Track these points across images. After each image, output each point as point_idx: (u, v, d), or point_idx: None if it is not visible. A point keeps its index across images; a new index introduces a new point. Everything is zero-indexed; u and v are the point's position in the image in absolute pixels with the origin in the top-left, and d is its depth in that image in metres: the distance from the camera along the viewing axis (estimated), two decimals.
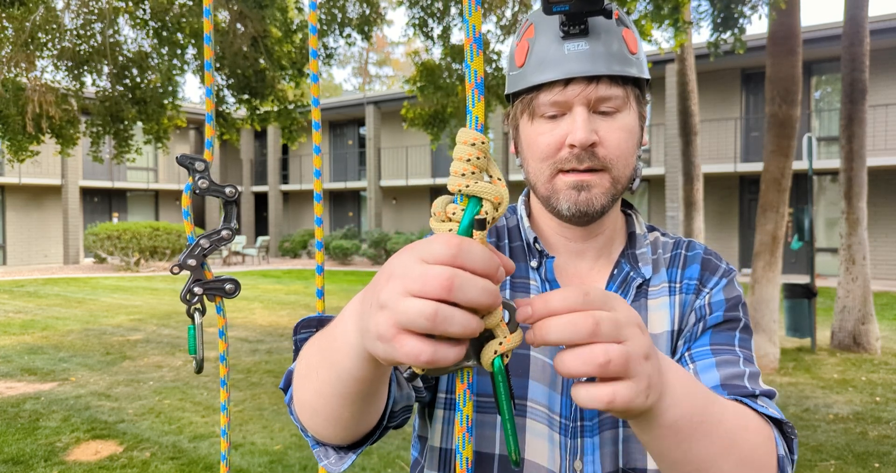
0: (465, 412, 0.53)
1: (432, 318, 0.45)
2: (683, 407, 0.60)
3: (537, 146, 0.87)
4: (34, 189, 21.09)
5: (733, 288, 0.92)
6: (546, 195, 0.89)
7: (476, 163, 0.50)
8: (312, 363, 0.67)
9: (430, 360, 0.46)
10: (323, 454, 0.76)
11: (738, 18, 6.19)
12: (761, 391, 0.81)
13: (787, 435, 0.77)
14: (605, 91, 0.83)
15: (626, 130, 0.86)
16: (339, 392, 0.64)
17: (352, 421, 0.69)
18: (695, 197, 8.66)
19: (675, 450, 0.62)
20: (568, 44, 0.84)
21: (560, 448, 0.85)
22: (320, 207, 1.09)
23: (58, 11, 7.76)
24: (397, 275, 0.48)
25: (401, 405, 0.80)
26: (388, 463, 4.20)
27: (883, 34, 13.54)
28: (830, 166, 14.48)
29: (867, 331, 7.38)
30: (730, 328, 0.88)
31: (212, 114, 0.73)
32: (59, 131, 8.30)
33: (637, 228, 0.98)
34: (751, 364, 0.85)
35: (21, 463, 4.14)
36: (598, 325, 0.50)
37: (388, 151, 22.90)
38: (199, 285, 0.71)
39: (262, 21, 8.04)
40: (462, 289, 0.45)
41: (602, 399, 0.52)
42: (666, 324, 0.90)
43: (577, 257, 0.95)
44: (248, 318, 10.22)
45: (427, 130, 9.48)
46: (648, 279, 0.93)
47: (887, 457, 4.29)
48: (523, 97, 0.89)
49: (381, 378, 0.63)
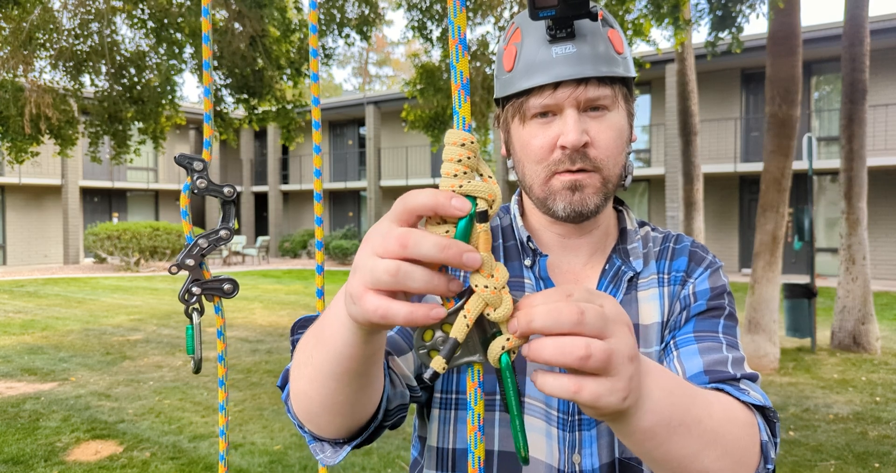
0: (477, 411, 0.53)
1: (394, 274, 0.48)
2: (662, 413, 0.59)
3: (531, 149, 0.89)
4: (34, 189, 21.09)
5: (718, 278, 0.94)
6: (542, 197, 0.90)
7: (467, 163, 0.50)
8: (307, 349, 0.68)
9: (384, 314, 0.49)
10: (319, 449, 0.77)
11: (735, 17, 6.20)
12: (743, 375, 0.82)
13: (770, 419, 0.77)
14: (593, 92, 0.85)
15: (616, 129, 0.88)
16: (332, 372, 0.64)
17: (346, 407, 0.69)
18: (695, 197, 8.67)
19: (653, 451, 0.62)
20: (555, 47, 0.86)
21: (558, 442, 0.86)
22: (320, 207, 1.09)
23: (55, 11, 7.75)
24: (369, 240, 0.52)
25: (395, 403, 0.80)
26: (387, 463, 4.20)
27: (883, 34, 13.53)
28: (830, 166, 14.47)
29: (867, 331, 7.38)
30: (714, 315, 0.90)
31: (210, 114, 0.73)
32: (58, 132, 8.29)
33: (628, 223, 1.00)
34: (734, 350, 0.86)
35: (21, 463, 4.14)
36: (582, 314, 0.49)
37: (388, 151, 22.90)
38: (197, 285, 0.70)
39: (260, 20, 8.03)
40: (417, 244, 0.48)
41: (567, 388, 0.51)
42: (656, 315, 0.92)
43: (571, 253, 0.97)
44: (248, 318, 10.22)
45: (428, 133, 9.47)
46: (639, 273, 0.95)
47: (887, 457, 4.29)
48: (513, 101, 0.91)
49: (371, 357, 0.63)
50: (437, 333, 0.51)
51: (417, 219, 0.50)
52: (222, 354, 0.73)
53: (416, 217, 0.50)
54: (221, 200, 0.75)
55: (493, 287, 0.50)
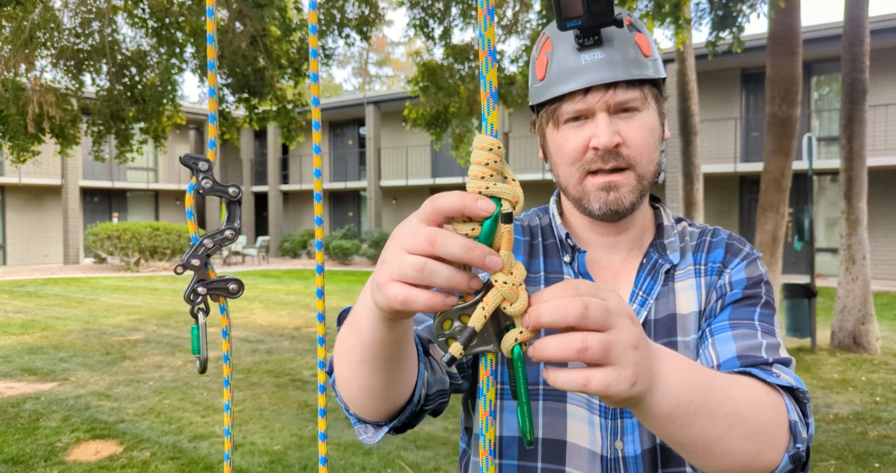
0: (489, 397, 0.56)
1: (420, 270, 0.51)
2: (680, 397, 0.62)
3: (565, 151, 0.93)
4: (34, 189, 21.09)
5: (756, 268, 0.96)
6: (577, 197, 0.95)
7: (493, 166, 0.53)
8: (344, 336, 0.73)
9: (404, 300, 0.52)
10: (362, 430, 0.82)
11: (736, 17, 6.20)
12: (775, 360, 0.83)
13: (800, 400, 0.78)
14: (622, 95, 0.89)
15: (647, 128, 0.91)
16: (363, 357, 0.69)
17: (380, 391, 0.74)
18: (695, 197, 8.67)
19: (676, 435, 0.65)
20: (584, 55, 0.90)
21: (601, 429, 0.90)
22: (320, 207, 1.09)
23: (56, 10, 7.76)
24: (398, 237, 0.55)
25: (435, 388, 0.84)
26: (388, 463, 4.20)
27: (883, 34, 13.54)
28: (830, 166, 14.48)
29: (867, 331, 7.38)
30: (750, 303, 0.92)
31: (215, 113, 0.73)
32: (59, 131, 8.30)
33: (665, 219, 1.03)
34: (770, 336, 0.87)
35: (21, 463, 4.14)
36: (587, 308, 0.52)
37: (388, 151, 22.89)
38: (202, 285, 0.71)
39: (260, 20, 8.03)
40: (444, 244, 0.51)
41: (577, 381, 0.54)
42: (693, 305, 0.95)
43: (609, 250, 1.00)
44: (248, 318, 10.22)
45: (429, 131, 9.48)
46: (676, 265, 0.98)
47: (887, 457, 4.30)
48: (547, 107, 0.95)
49: (398, 343, 0.67)
50: (455, 323, 0.55)
51: (444, 219, 0.53)
52: (227, 354, 0.73)
53: (444, 218, 0.53)
54: (226, 200, 0.75)
55: (511, 283, 0.53)
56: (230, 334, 0.68)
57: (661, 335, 0.93)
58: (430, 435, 4.72)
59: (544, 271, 0.99)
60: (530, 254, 1.00)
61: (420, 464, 4.19)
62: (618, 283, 0.98)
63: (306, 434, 4.77)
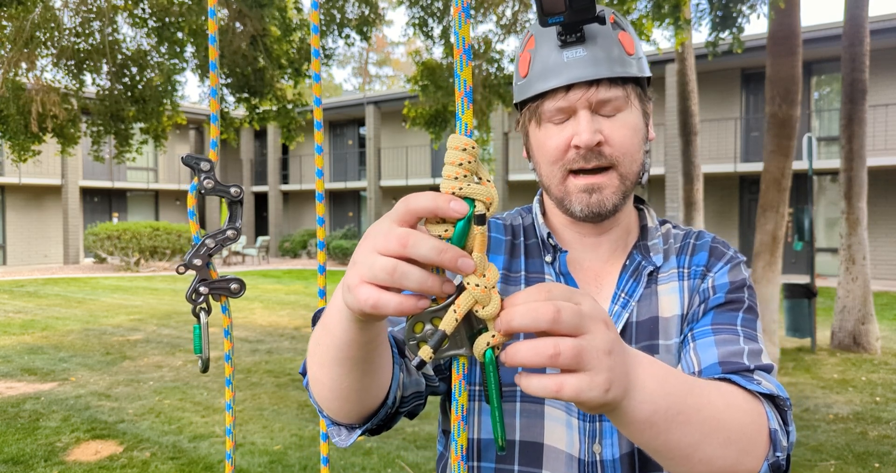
0: (461, 401, 0.56)
1: (391, 272, 0.50)
2: (658, 403, 0.61)
3: (546, 150, 0.92)
4: (34, 189, 21.08)
5: (739, 272, 0.95)
6: (559, 197, 0.93)
7: (467, 167, 0.53)
8: (316, 337, 0.72)
9: (374, 304, 0.51)
10: (336, 432, 0.81)
11: (736, 17, 6.19)
12: (756, 366, 0.82)
13: (781, 408, 0.77)
14: (605, 93, 0.87)
15: (630, 128, 0.89)
16: (336, 358, 0.67)
17: (354, 393, 0.72)
18: (695, 197, 8.66)
19: (654, 441, 0.64)
20: (566, 52, 0.88)
21: (579, 432, 0.88)
22: (322, 207, 1.09)
23: (56, 10, 7.75)
24: (369, 237, 0.54)
25: (411, 391, 0.83)
26: (387, 463, 4.20)
27: (883, 34, 13.53)
28: (830, 166, 14.47)
29: (867, 331, 7.38)
30: (732, 308, 0.90)
31: (217, 114, 0.73)
32: (60, 131, 8.29)
33: (649, 221, 1.02)
34: (752, 342, 0.86)
35: (21, 463, 4.14)
36: (559, 312, 0.51)
37: (388, 151, 22.89)
38: (204, 284, 0.71)
39: (260, 20, 8.03)
40: (416, 246, 0.50)
41: (549, 387, 0.53)
42: (676, 308, 0.93)
43: (592, 251, 0.99)
44: (248, 318, 10.22)
45: (429, 130, 9.48)
46: (659, 267, 0.97)
47: (887, 457, 4.30)
48: (529, 105, 0.94)
49: (370, 344, 0.66)
50: (426, 326, 0.54)
51: (417, 220, 0.53)
52: (229, 353, 0.73)
53: (417, 218, 0.52)
54: (228, 200, 0.75)
55: (483, 286, 0.52)
56: (232, 333, 0.68)
57: (643, 338, 0.92)
58: (430, 435, 4.72)
59: (525, 271, 0.97)
60: (512, 253, 0.99)
61: (420, 464, 4.19)
62: (600, 284, 0.97)
63: (306, 434, 4.77)
